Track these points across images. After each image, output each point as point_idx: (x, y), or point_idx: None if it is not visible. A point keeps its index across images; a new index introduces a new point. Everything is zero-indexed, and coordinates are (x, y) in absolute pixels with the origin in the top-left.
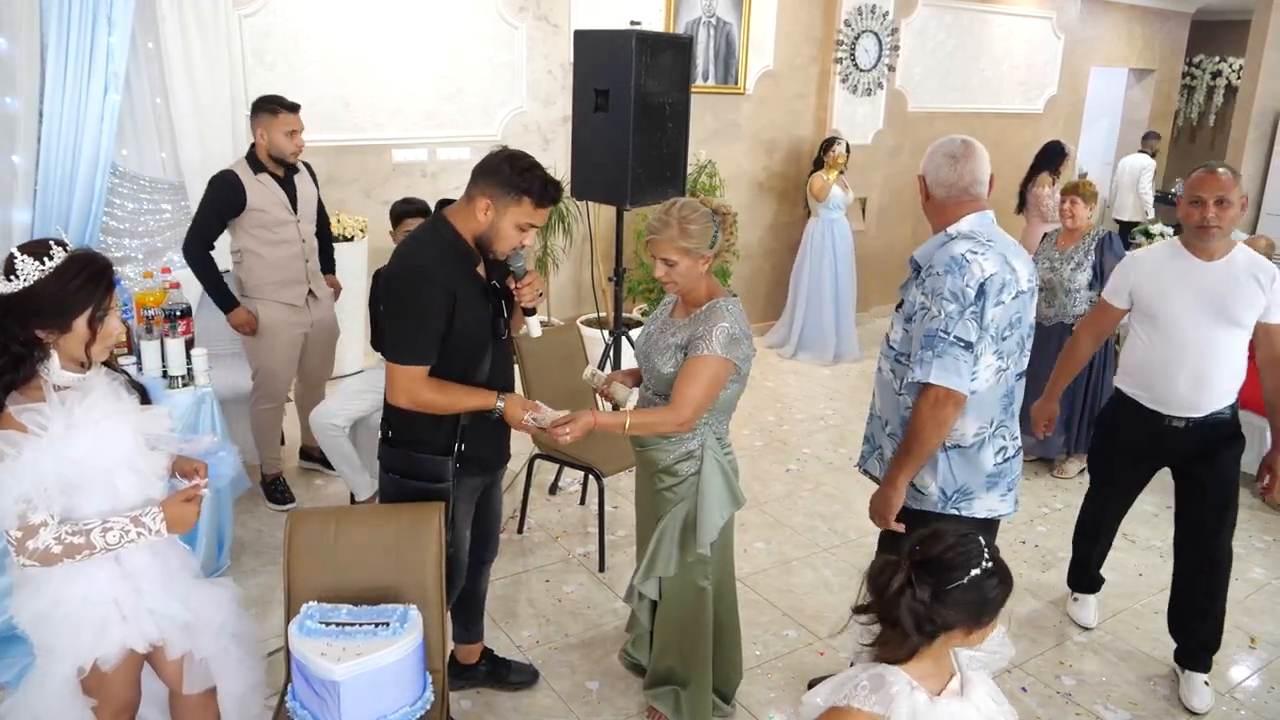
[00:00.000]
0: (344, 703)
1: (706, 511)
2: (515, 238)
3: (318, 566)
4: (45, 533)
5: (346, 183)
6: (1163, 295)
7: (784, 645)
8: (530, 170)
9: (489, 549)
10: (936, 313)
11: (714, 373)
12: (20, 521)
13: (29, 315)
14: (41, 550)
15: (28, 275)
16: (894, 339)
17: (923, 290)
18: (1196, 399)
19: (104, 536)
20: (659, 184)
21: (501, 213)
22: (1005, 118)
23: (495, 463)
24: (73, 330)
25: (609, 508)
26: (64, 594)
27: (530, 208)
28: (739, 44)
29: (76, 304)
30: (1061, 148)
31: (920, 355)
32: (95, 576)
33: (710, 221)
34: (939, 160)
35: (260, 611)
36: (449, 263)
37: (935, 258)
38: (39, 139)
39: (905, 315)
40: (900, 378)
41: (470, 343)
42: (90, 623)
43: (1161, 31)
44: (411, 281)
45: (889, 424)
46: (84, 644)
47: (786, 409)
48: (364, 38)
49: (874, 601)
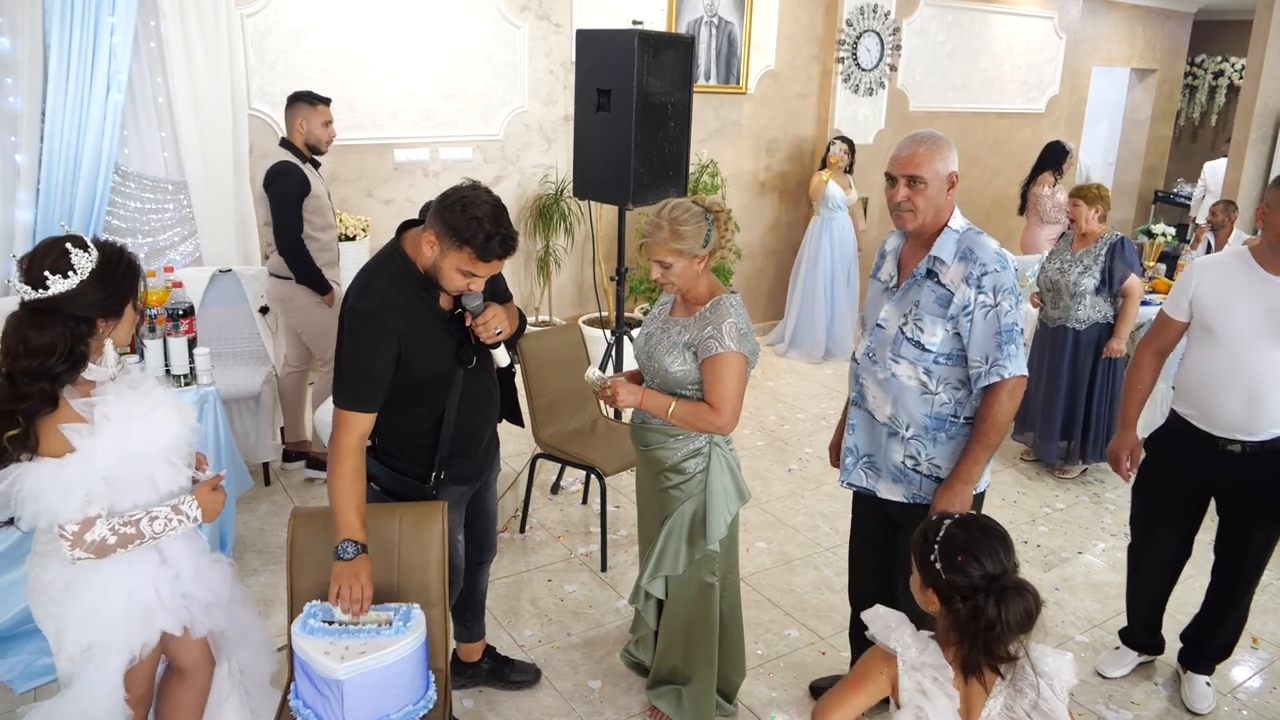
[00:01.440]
0: (347, 702)
1: (715, 508)
2: (459, 281)
3: (320, 565)
4: (100, 525)
5: (348, 182)
6: (1224, 307)
7: (786, 645)
8: (478, 220)
9: (486, 550)
10: (1008, 308)
11: (738, 368)
12: (81, 514)
13: (92, 306)
14: (98, 542)
15: (83, 269)
16: (930, 343)
17: (979, 288)
18: (1251, 419)
19: (151, 526)
20: (661, 183)
21: (444, 254)
22: (1006, 117)
23: (477, 474)
24: (125, 316)
25: (611, 507)
26: (111, 588)
27: (470, 257)
28: (741, 43)
29: (127, 289)
30: (1063, 147)
31: (1003, 351)
32: (138, 567)
33: (703, 221)
34: (951, 151)
35: (263, 610)
36: (402, 299)
37: (977, 254)
38: (42, 138)
39: (946, 316)
40: (937, 378)
41: (431, 375)
42: (137, 613)
43: (1163, 31)
44: (355, 327)
45: (910, 427)
46: (135, 634)
47: (787, 408)
48: (365, 37)
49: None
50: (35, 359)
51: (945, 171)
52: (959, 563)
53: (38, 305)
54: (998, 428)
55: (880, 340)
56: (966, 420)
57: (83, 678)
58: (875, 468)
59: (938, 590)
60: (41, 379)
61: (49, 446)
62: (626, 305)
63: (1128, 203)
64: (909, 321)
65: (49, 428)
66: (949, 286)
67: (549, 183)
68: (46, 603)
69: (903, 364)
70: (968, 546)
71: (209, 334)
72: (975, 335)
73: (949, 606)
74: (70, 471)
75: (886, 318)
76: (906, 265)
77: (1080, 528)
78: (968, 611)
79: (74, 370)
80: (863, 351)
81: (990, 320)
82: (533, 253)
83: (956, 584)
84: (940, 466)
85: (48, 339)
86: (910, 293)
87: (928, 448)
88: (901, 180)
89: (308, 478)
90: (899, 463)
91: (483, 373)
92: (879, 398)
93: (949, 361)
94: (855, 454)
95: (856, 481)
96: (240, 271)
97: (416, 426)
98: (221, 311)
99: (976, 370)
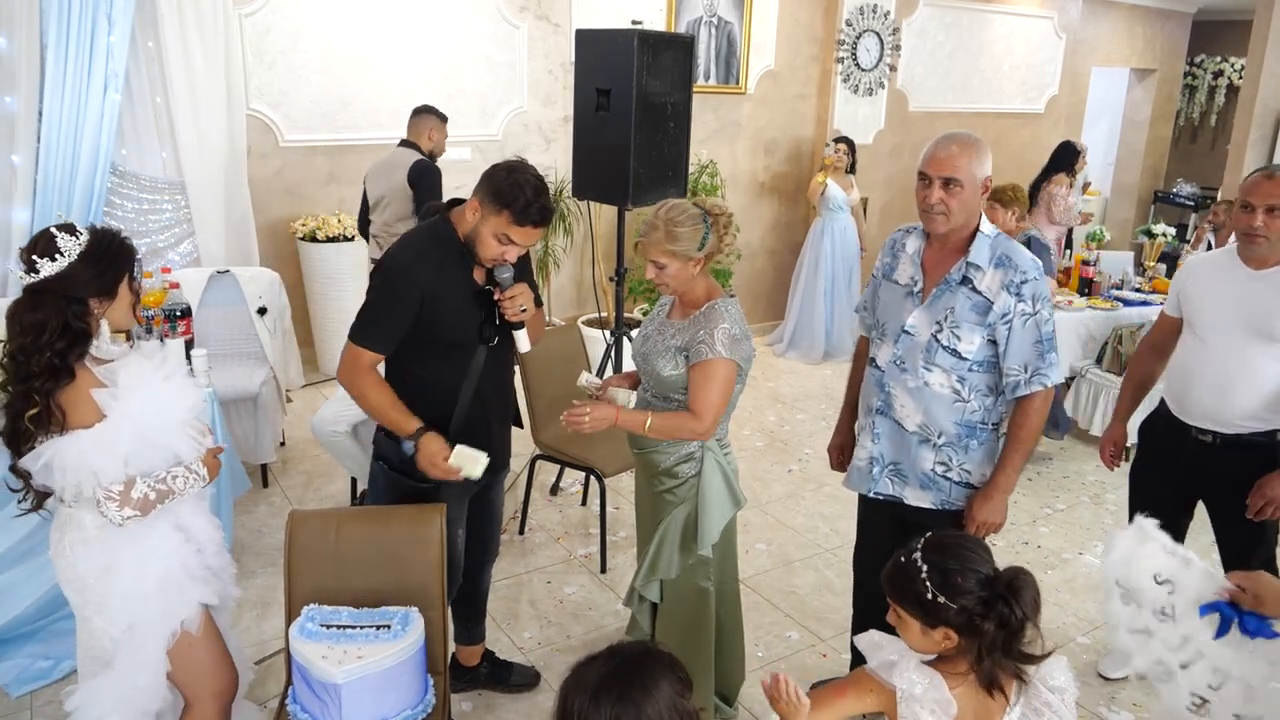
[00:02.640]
0: (345, 706)
1: (707, 513)
2: (495, 248)
3: (318, 568)
4: (140, 483)
5: (347, 182)
6: (1200, 297)
7: (786, 647)
8: (520, 185)
9: (488, 551)
10: (1047, 315)
11: (725, 376)
12: (125, 475)
13: (82, 287)
14: (142, 498)
15: (70, 251)
16: (968, 351)
17: (1019, 295)
18: (1219, 409)
19: (175, 483)
20: (660, 184)
21: (484, 218)
22: (1006, 118)
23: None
24: (119, 295)
25: (610, 509)
26: (148, 568)
27: (508, 221)
28: (740, 44)
29: (119, 269)
30: (1074, 147)
31: (1045, 359)
32: (165, 545)
33: (700, 223)
34: (987, 154)
35: (260, 613)
36: (438, 261)
37: (1015, 261)
38: (39, 138)
39: (984, 323)
40: (970, 386)
41: (451, 342)
42: (169, 587)
43: (1163, 31)
44: (388, 272)
45: (941, 435)
46: (171, 607)
47: (787, 409)
48: (364, 37)
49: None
50: (28, 336)
51: (981, 175)
52: (960, 584)
53: (31, 288)
54: (1035, 435)
55: (910, 348)
56: (994, 427)
57: (125, 657)
58: (902, 475)
59: (953, 624)
60: (40, 355)
61: (78, 418)
62: (626, 306)
63: (1128, 203)
64: (944, 329)
65: (72, 401)
66: (986, 294)
67: (548, 183)
68: (82, 590)
69: (936, 372)
70: (957, 562)
71: (206, 335)
72: (1014, 343)
73: (975, 632)
74: (107, 435)
75: (915, 325)
76: (933, 270)
77: (1081, 528)
78: (995, 622)
79: (77, 346)
80: (889, 359)
81: (1030, 328)
82: (532, 253)
83: (968, 606)
84: (970, 473)
85: (39, 317)
86: (943, 299)
87: (959, 455)
88: (936, 181)
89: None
90: (929, 470)
91: (503, 366)
92: (908, 406)
93: (981, 369)
94: (880, 462)
95: (883, 490)
96: (238, 272)
97: (432, 399)
98: (219, 312)
99: (1015, 379)
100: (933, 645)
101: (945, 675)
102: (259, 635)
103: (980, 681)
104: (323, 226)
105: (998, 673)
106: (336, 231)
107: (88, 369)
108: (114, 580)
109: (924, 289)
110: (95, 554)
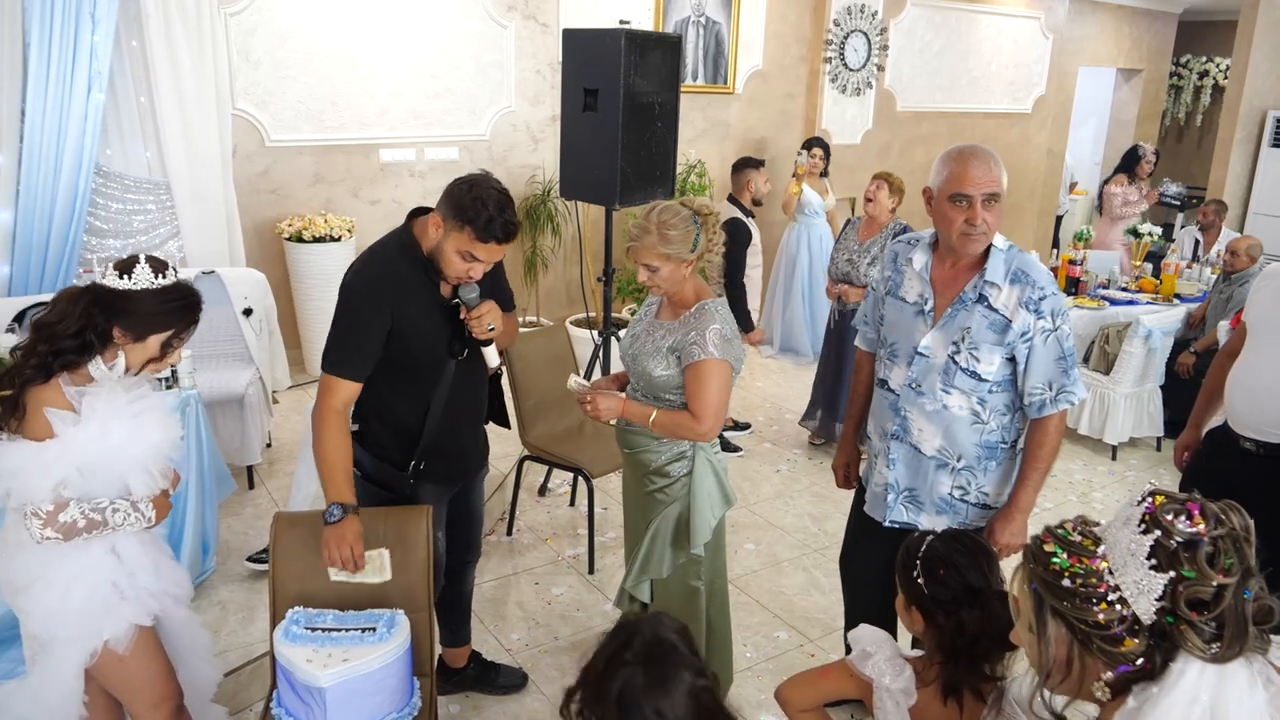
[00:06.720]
0: (330, 709)
1: (699, 511)
2: (459, 266)
3: (303, 571)
4: (73, 506)
5: (334, 182)
6: (1257, 303)
7: (774, 647)
8: (482, 200)
9: (470, 551)
10: (1067, 331)
11: (721, 375)
12: (54, 496)
13: (117, 313)
14: (69, 524)
15: (139, 281)
16: (987, 372)
17: (1038, 313)
18: (1260, 418)
19: (114, 516)
20: (648, 184)
21: (447, 235)
22: (993, 117)
23: (458, 475)
24: (146, 344)
25: (598, 509)
26: (73, 587)
27: (471, 238)
28: (728, 43)
29: (163, 324)
30: (1136, 151)
31: (1069, 376)
32: (95, 566)
33: (691, 225)
34: (1002, 165)
35: (246, 616)
36: (401, 278)
37: (1031, 276)
38: (21, 138)
39: (1003, 343)
40: (990, 407)
41: (419, 359)
42: (96, 607)
43: (1149, 31)
44: (354, 294)
45: (961, 458)
46: (94, 627)
47: (776, 409)
48: (350, 36)
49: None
50: (51, 313)
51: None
52: (940, 575)
53: (94, 287)
54: (1055, 453)
55: (925, 370)
56: (1011, 445)
57: (41, 667)
58: (917, 501)
59: (921, 606)
60: (48, 342)
61: (33, 429)
62: (614, 306)
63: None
64: (961, 350)
65: (36, 406)
66: (1003, 312)
67: (536, 183)
68: (13, 594)
69: (955, 394)
70: (949, 558)
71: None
72: (1036, 362)
73: (932, 623)
74: (47, 456)
75: (930, 346)
76: (944, 287)
77: None
78: (951, 626)
79: (79, 354)
80: (903, 382)
81: (1052, 345)
82: (520, 254)
83: (938, 597)
84: (988, 494)
85: (68, 307)
86: (958, 319)
87: (978, 478)
88: (979, 199)
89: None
90: (946, 494)
91: (472, 374)
92: (926, 430)
93: (1000, 389)
94: (896, 489)
95: (898, 518)
96: (223, 273)
97: (402, 415)
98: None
99: (1040, 398)
100: (909, 622)
101: (918, 674)
102: (244, 639)
103: (940, 686)
104: (309, 227)
105: (959, 682)
106: (323, 232)
107: (59, 386)
108: (40, 594)
109: (936, 308)
110: (29, 561)
